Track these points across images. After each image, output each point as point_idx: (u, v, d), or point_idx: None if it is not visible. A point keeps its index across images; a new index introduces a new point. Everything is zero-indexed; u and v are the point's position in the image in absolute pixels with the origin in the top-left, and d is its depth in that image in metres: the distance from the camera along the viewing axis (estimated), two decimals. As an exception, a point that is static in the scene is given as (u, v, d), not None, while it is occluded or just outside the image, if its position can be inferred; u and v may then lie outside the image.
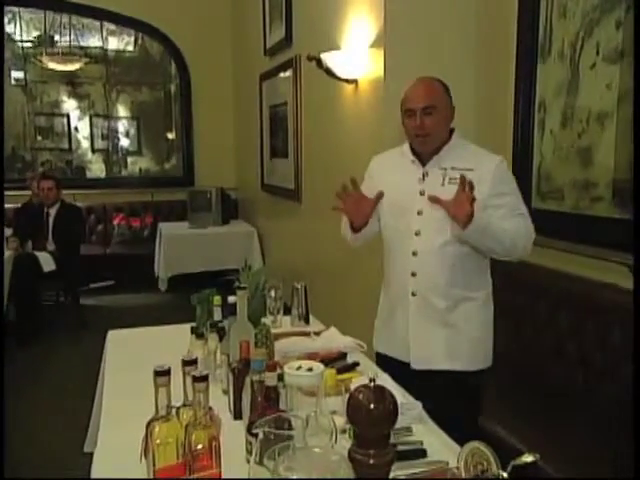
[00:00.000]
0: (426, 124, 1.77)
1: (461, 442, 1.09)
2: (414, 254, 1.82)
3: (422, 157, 1.85)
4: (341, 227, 2.02)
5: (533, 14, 2.59)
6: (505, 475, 0.84)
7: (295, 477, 0.82)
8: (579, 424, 2.05)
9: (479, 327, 1.88)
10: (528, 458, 0.88)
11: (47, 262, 4.70)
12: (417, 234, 1.82)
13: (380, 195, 1.84)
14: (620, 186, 2.19)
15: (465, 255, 1.80)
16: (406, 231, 1.84)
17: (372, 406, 0.92)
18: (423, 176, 1.83)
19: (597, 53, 2.27)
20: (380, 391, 0.94)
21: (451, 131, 1.86)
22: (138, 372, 1.49)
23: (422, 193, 1.80)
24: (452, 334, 1.83)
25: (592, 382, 2.17)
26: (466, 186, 1.59)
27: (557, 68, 2.49)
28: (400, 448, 1.24)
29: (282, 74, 4.79)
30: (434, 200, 1.68)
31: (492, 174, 1.77)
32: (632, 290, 2.12)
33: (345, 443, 1.11)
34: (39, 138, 6.75)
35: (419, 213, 1.81)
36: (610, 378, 2.09)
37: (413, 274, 1.83)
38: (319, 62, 3.30)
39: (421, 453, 1.28)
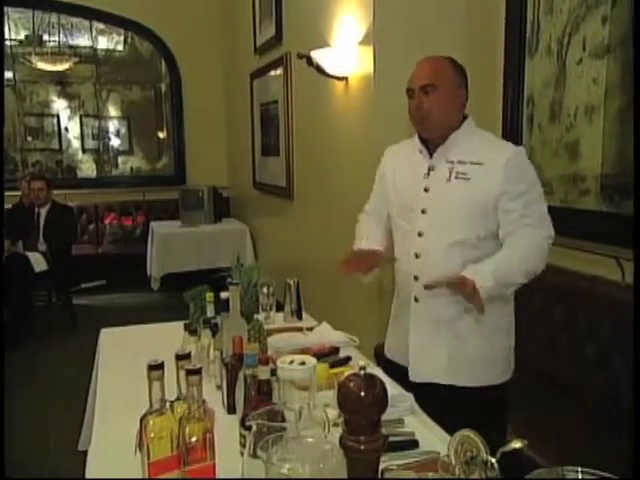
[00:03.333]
0: (424, 104, 1.61)
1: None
2: (417, 256, 1.68)
3: (430, 146, 1.69)
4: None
5: (520, 10, 2.62)
6: (494, 460, 0.86)
7: (288, 466, 0.84)
8: (568, 411, 2.08)
9: (491, 337, 1.69)
10: (516, 444, 0.90)
11: (38, 262, 4.69)
12: (420, 234, 1.67)
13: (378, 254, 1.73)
14: (607, 180, 2.22)
15: (475, 259, 1.61)
16: (410, 231, 1.70)
17: (362, 393, 0.93)
18: (428, 171, 1.67)
19: (583, 48, 2.30)
20: (370, 379, 0.96)
21: (464, 118, 1.68)
22: (131, 369, 1.51)
23: (427, 190, 1.67)
24: (457, 346, 1.67)
25: (583, 371, 2.20)
26: (466, 288, 1.49)
27: (545, 63, 2.52)
28: (392, 439, 1.25)
29: (272, 72, 4.79)
30: (430, 288, 1.56)
31: (502, 171, 1.57)
32: (620, 282, 2.15)
33: (338, 435, 1.12)
34: (29, 139, 6.72)
35: (423, 212, 1.66)
36: (601, 369, 2.12)
37: (416, 278, 1.68)
38: (309, 60, 3.32)
39: (413, 444, 1.30)
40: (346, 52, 3.17)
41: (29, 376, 3.85)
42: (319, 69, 3.30)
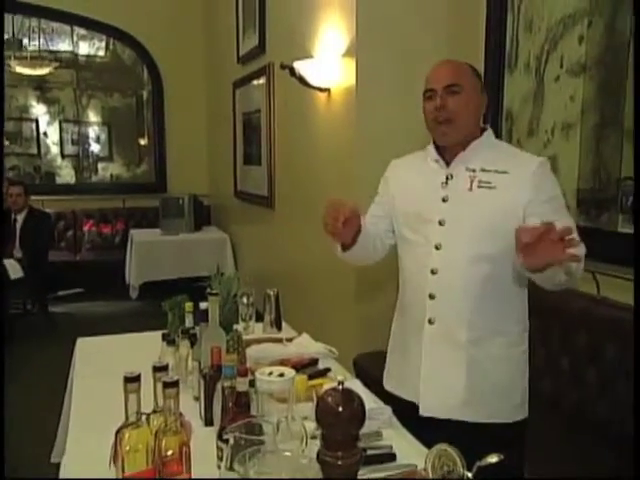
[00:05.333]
0: (449, 105, 1.47)
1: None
2: (433, 272, 1.52)
3: (447, 156, 1.56)
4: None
5: (500, 27, 2.67)
6: (470, 475, 0.87)
7: (265, 478, 0.83)
8: (544, 424, 2.10)
9: (510, 369, 1.54)
10: (492, 459, 0.90)
11: (14, 269, 4.61)
12: (438, 248, 1.51)
13: (354, 211, 1.49)
14: (584, 195, 2.26)
15: (499, 277, 1.47)
16: (425, 245, 1.54)
17: (340, 409, 0.93)
18: (446, 179, 1.53)
19: (561, 66, 2.34)
20: (348, 394, 0.96)
21: (483, 129, 1.58)
22: (107, 380, 1.48)
23: (445, 200, 1.52)
24: (475, 375, 1.50)
25: (558, 384, 2.22)
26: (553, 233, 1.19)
27: (523, 80, 2.57)
28: (370, 452, 1.26)
29: (255, 81, 4.80)
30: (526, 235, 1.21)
31: (530, 179, 1.45)
32: (595, 296, 2.18)
33: (316, 448, 1.12)
34: (7, 143, 6.62)
35: (441, 223, 1.51)
36: (575, 378, 2.15)
37: (431, 296, 1.52)
38: (292, 70, 3.33)
39: (391, 457, 1.30)
40: (329, 63, 3.19)
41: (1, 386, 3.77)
42: (302, 80, 3.31)
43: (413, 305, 1.59)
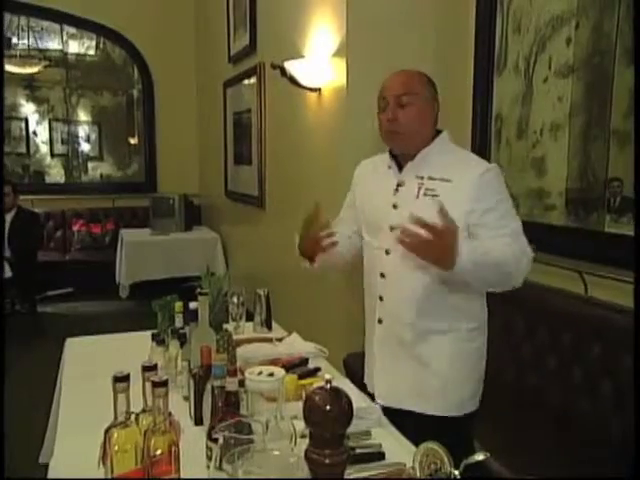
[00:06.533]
0: (399, 117, 1.54)
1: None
2: (382, 276, 1.63)
3: (402, 161, 1.63)
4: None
5: (489, 29, 2.68)
6: (457, 473, 0.88)
7: (254, 477, 0.84)
8: (529, 422, 2.11)
9: (460, 365, 1.60)
10: (479, 457, 0.91)
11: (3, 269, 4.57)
12: (387, 253, 1.60)
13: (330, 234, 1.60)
14: (572, 195, 2.28)
15: (444, 281, 1.53)
16: (377, 249, 1.64)
17: (328, 407, 0.94)
18: (397, 186, 1.60)
19: (549, 67, 2.36)
20: (335, 392, 0.96)
21: (438, 133, 1.62)
22: (96, 380, 1.48)
23: (395, 206, 1.59)
24: (423, 370, 1.60)
25: (543, 383, 2.24)
26: (442, 216, 1.32)
27: (512, 81, 2.58)
28: (359, 451, 1.26)
29: (246, 81, 4.80)
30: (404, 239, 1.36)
31: (470, 188, 1.49)
32: (583, 295, 2.21)
33: (305, 447, 1.12)
34: (-5, 142, 6.57)
35: (391, 229, 1.56)
36: (560, 378, 2.17)
37: (381, 298, 1.64)
38: (283, 70, 3.33)
39: (379, 456, 1.31)
40: (319, 63, 3.20)
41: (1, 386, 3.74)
42: (292, 80, 3.32)
43: (369, 305, 1.72)
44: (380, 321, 1.65)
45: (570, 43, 2.25)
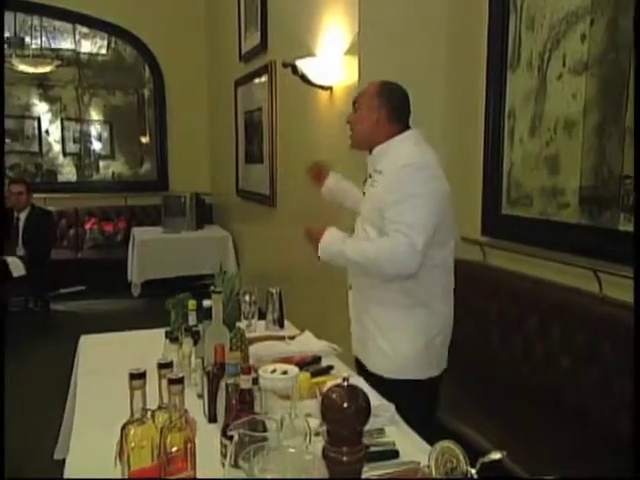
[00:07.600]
0: (350, 119, 1.92)
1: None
2: None
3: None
4: None
5: (503, 25, 2.66)
6: (474, 472, 0.87)
7: (270, 477, 0.84)
8: (543, 421, 2.10)
9: (410, 334, 1.83)
10: (496, 455, 0.91)
11: (17, 267, 4.62)
12: (353, 232, 1.96)
13: (322, 166, 2.24)
14: (586, 193, 2.26)
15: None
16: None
17: (345, 405, 0.94)
18: (367, 178, 1.92)
19: (563, 64, 2.34)
20: (353, 390, 0.96)
21: (395, 134, 1.82)
22: (111, 377, 1.49)
23: (364, 194, 1.93)
24: (365, 335, 1.92)
25: (558, 382, 2.23)
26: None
27: (526, 78, 2.56)
28: (373, 449, 1.26)
29: (257, 80, 4.80)
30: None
31: (389, 180, 1.75)
32: (597, 294, 2.19)
33: (319, 445, 1.12)
34: (8, 141, 6.63)
35: (359, 213, 1.94)
36: (575, 378, 2.15)
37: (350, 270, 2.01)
38: (294, 69, 3.33)
39: (393, 454, 1.30)
40: (331, 62, 3.20)
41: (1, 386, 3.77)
42: (304, 78, 3.31)
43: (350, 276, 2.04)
44: (350, 287, 2.02)
45: (585, 40, 2.22)
